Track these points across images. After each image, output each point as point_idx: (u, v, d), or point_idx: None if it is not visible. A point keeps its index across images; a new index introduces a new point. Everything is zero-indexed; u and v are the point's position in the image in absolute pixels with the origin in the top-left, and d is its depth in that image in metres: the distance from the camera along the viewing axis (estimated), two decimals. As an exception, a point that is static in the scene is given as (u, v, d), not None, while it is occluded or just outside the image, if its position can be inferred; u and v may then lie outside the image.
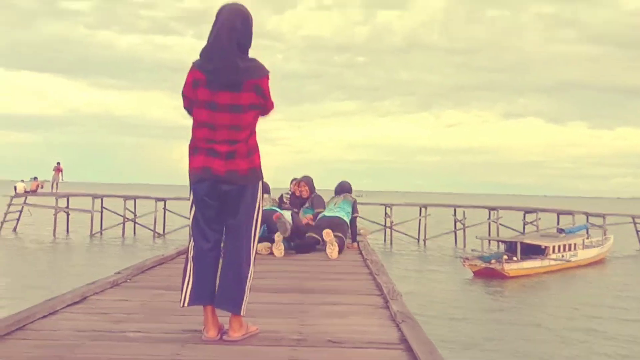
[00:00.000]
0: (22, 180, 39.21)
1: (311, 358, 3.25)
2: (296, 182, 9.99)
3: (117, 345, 3.45)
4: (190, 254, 3.70)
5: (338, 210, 9.10)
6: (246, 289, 3.63)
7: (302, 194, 9.73)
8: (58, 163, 40.28)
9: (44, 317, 4.05)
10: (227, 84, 3.52)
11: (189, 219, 3.85)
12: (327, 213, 9.11)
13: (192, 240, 3.72)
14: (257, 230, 3.74)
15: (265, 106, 3.68)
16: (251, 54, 3.73)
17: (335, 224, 8.63)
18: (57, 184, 39.44)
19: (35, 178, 39.25)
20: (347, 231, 9.12)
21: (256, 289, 5.38)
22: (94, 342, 3.50)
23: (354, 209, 9.39)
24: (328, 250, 7.91)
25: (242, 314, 3.60)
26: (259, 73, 3.63)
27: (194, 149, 3.64)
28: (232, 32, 3.54)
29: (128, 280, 5.58)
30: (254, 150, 3.69)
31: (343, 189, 9.82)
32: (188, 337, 3.65)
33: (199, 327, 3.80)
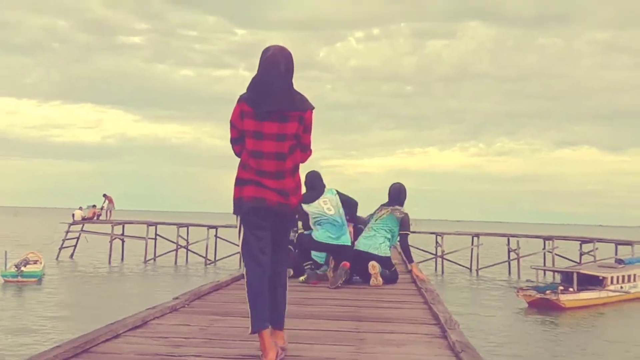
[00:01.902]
0: (80, 208, 40.20)
1: (370, 385, 3.23)
2: None
3: (178, 369, 3.51)
4: (245, 280, 3.83)
5: (378, 229, 8.08)
6: (285, 304, 4.00)
7: None
8: (105, 195, 40.91)
9: (107, 340, 4.14)
10: (273, 115, 3.71)
11: (238, 246, 4.04)
12: (363, 238, 8.13)
13: (245, 264, 3.86)
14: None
15: (303, 139, 3.86)
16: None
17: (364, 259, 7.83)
18: (110, 212, 40.26)
19: (94, 206, 40.23)
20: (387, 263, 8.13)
21: (313, 315, 5.44)
22: (157, 365, 3.57)
23: (403, 226, 8.17)
24: (372, 282, 7.68)
25: (283, 327, 3.97)
26: (305, 106, 3.83)
27: (241, 180, 3.81)
28: (278, 69, 3.77)
29: (186, 306, 5.65)
30: (299, 186, 3.96)
31: (394, 197, 8.34)
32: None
33: (257, 352, 3.84)
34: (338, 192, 8.06)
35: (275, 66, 3.78)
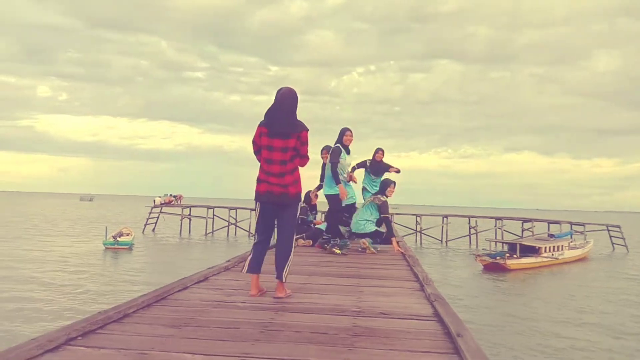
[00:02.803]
0: (160, 196, 40.44)
1: (369, 325, 3.23)
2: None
3: (230, 311, 3.52)
4: (254, 242, 4.29)
5: (362, 213, 8.00)
6: (288, 265, 4.13)
7: (349, 142, 7.49)
8: (176, 195, 40.83)
9: (179, 291, 4.17)
10: (281, 134, 4.08)
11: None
12: (353, 221, 8.01)
13: (255, 234, 4.31)
14: (294, 229, 4.26)
15: (301, 151, 4.16)
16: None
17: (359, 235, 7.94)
18: (180, 201, 40.27)
19: (170, 195, 40.41)
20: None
21: (326, 274, 5.44)
22: (215, 309, 3.59)
23: (381, 210, 7.96)
24: (368, 252, 7.68)
25: (284, 280, 4.09)
26: (301, 128, 4.14)
27: (259, 180, 4.18)
28: (284, 104, 4.14)
29: (235, 266, 5.68)
30: (298, 181, 4.20)
31: (381, 188, 8.42)
32: (279, 307, 3.70)
33: (289, 301, 3.89)
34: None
35: (283, 102, 4.14)
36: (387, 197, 8.24)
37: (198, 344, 2.71)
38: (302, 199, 8.98)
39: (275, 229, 4.28)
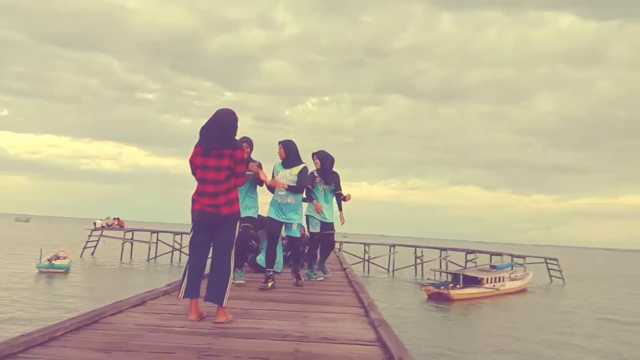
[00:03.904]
0: (101, 219, 38.93)
1: (311, 350, 3.15)
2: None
3: (166, 336, 3.35)
4: (188, 263, 4.09)
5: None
6: (227, 289, 3.95)
7: (280, 157, 6.26)
8: (118, 219, 39.43)
9: (113, 314, 3.95)
10: (214, 153, 3.97)
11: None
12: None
13: (189, 255, 4.12)
14: (233, 250, 4.06)
15: (236, 169, 4.03)
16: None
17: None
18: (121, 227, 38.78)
19: (114, 218, 38.93)
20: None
21: (270, 299, 5.32)
22: (150, 333, 3.41)
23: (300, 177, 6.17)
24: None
25: (224, 305, 3.91)
26: (235, 147, 4.04)
27: (193, 199, 4.08)
28: (219, 122, 4.04)
29: (175, 290, 5.46)
30: (234, 201, 4.05)
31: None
32: (219, 332, 3.56)
33: (229, 326, 3.75)
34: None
35: (218, 119, 4.05)
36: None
37: (128, 370, 2.54)
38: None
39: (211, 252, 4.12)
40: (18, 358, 2.64)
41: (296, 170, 6.17)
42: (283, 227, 6.30)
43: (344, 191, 7.70)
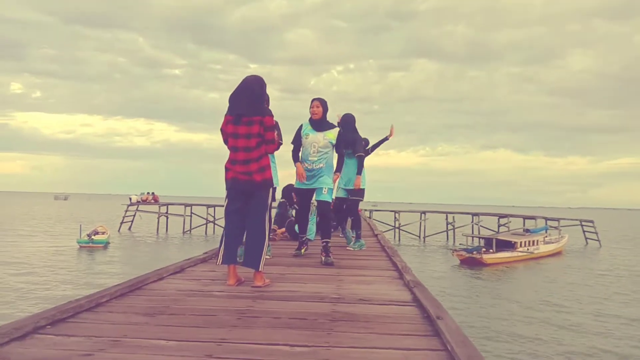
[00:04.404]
0: (136, 194, 39.88)
1: (347, 310, 3.19)
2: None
3: (207, 300, 3.45)
4: (224, 230, 4.15)
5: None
6: (263, 254, 4.00)
7: (314, 116, 5.63)
8: (153, 193, 40.33)
9: (154, 281, 4.08)
10: (244, 121, 4.00)
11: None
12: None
13: (225, 222, 4.17)
14: (269, 216, 4.21)
15: (265, 136, 4.03)
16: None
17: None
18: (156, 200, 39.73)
19: (148, 193, 39.89)
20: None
21: (304, 264, 5.38)
22: (191, 297, 3.50)
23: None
24: None
25: (260, 269, 3.97)
26: (264, 113, 4.03)
27: (226, 168, 4.14)
28: (247, 90, 4.05)
29: (213, 258, 5.59)
30: (266, 168, 4.06)
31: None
32: (257, 295, 3.63)
33: (267, 289, 3.83)
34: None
35: (246, 87, 4.06)
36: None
37: (173, 331, 2.63)
38: (281, 194, 8.78)
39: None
40: (68, 322, 2.75)
41: (331, 134, 5.58)
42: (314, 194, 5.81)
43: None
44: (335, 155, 5.77)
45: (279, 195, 7.99)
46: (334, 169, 5.76)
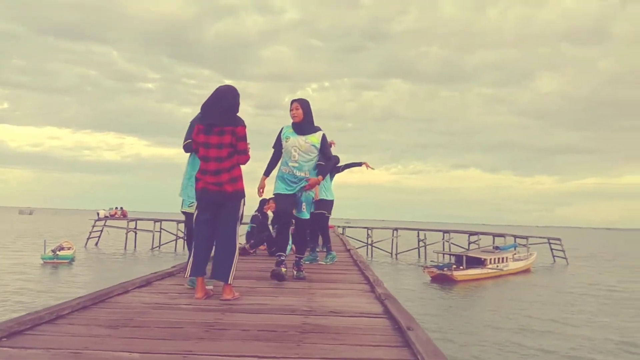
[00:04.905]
0: (104, 209, 39.05)
1: (318, 322, 3.14)
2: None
3: (173, 313, 3.35)
4: (194, 241, 4.07)
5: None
6: (233, 266, 3.94)
7: (294, 119, 5.07)
8: (122, 208, 39.80)
9: (119, 294, 3.95)
10: (215, 130, 3.94)
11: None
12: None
13: (194, 233, 4.08)
14: (238, 227, 4.05)
15: (238, 147, 3.97)
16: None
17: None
18: (124, 216, 39.09)
19: (116, 208, 39.14)
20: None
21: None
22: (156, 310, 3.40)
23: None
24: None
25: (229, 282, 3.90)
26: (236, 123, 3.97)
27: (196, 178, 4.08)
28: (220, 99, 3.99)
29: (181, 272, 5.46)
30: (237, 178, 4.00)
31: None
32: (226, 308, 3.55)
33: (236, 302, 3.75)
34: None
35: (219, 96, 4.00)
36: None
37: (137, 343, 2.54)
38: (258, 206, 8.68)
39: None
40: (26, 335, 2.63)
41: (314, 137, 5.01)
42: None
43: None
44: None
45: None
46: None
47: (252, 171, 4.82)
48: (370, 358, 2.38)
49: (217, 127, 3.94)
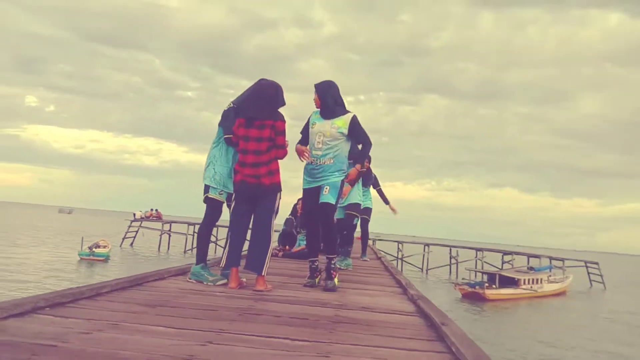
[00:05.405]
0: (140, 211, 39.90)
1: (350, 315, 3.13)
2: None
3: (208, 298, 3.41)
4: (229, 233, 4.18)
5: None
6: (267, 258, 3.98)
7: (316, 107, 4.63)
8: (157, 210, 40.50)
9: (155, 280, 4.04)
10: (255, 124, 4.00)
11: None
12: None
13: (230, 225, 4.15)
14: (274, 220, 4.08)
15: (277, 141, 4.01)
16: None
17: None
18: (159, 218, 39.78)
19: (152, 210, 39.94)
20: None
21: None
22: (192, 295, 3.47)
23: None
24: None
25: (263, 274, 3.93)
26: (276, 118, 4.01)
27: (235, 171, 4.15)
28: (261, 92, 4.10)
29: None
30: (275, 172, 4.04)
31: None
32: (259, 298, 3.58)
33: (269, 293, 3.79)
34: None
35: (259, 90, 4.11)
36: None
37: (172, 321, 2.59)
38: (292, 209, 8.69)
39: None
40: (67, 307, 2.72)
41: (340, 121, 4.47)
42: None
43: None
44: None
45: None
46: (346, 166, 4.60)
47: (283, 180, 4.25)
48: (403, 348, 2.36)
49: (257, 121, 4.00)
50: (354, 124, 4.50)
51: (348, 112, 4.56)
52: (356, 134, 4.53)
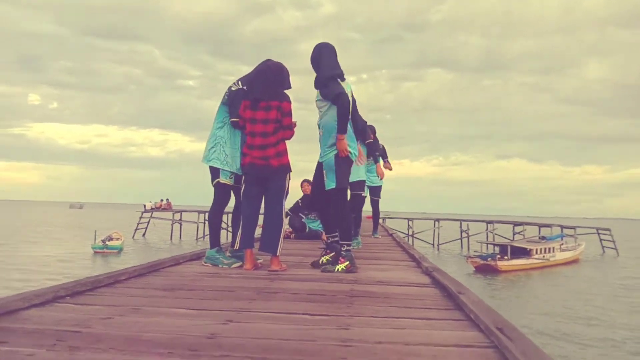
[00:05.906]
0: (150, 202, 40.17)
1: (366, 289, 3.15)
2: None
3: (225, 279, 3.44)
4: (242, 215, 4.15)
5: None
6: (281, 238, 4.00)
7: None
8: (167, 200, 40.99)
9: (171, 265, 4.08)
10: (261, 106, 3.98)
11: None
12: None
13: (242, 207, 4.15)
14: (284, 201, 4.10)
15: (283, 122, 3.98)
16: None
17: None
18: (170, 207, 40.16)
19: (161, 200, 40.23)
20: None
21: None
22: (209, 277, 3.50)
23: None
24: None
25: (277, 254, 3.95)
26: (282, 98, 3.98)
27: (243, 153, 4.13)
28: (266, 73, 4.04)
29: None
30: (283, 153, 4.02)
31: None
32: (275, 277, 3.61)
33: (284, 273, 3.81)
34: None
35: (265, 71, 4.06)
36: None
37: (192, 303, 2.61)
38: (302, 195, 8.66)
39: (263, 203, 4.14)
40: (87, 295, 2.75)
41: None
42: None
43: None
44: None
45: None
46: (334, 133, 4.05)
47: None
48: (422, 317, 2.37)
49: (263, 102, 3.98)
50: (323, 88, 4.00)
51: (327, 76, 4.04)
52: (329, 97, 3.96)
